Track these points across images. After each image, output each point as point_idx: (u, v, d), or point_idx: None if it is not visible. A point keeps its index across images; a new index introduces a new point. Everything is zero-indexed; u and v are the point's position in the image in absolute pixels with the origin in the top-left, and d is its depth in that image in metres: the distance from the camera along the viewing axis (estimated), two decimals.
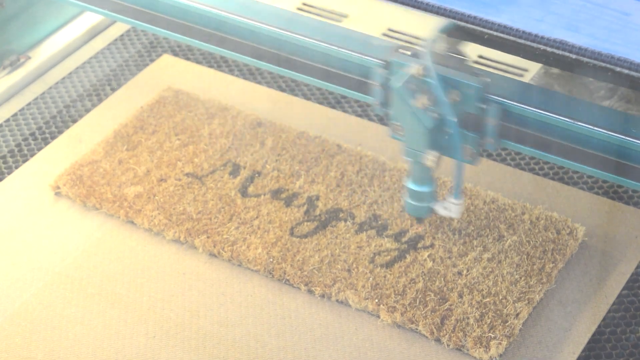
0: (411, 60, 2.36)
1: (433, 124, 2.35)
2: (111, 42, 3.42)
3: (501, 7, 2.24)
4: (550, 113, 2.30)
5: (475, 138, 2.39)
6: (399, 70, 2.37)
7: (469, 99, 2.32)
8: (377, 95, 2.46)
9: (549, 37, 2.16)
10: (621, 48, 2.11)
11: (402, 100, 2.34)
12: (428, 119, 2.34)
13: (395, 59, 2.39)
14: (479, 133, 2.38)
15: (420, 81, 2.33)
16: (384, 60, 2.42)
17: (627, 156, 2.26)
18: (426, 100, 2.32)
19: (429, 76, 2.31)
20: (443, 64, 2.33)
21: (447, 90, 2.32)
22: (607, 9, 2.20)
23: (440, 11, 2.27)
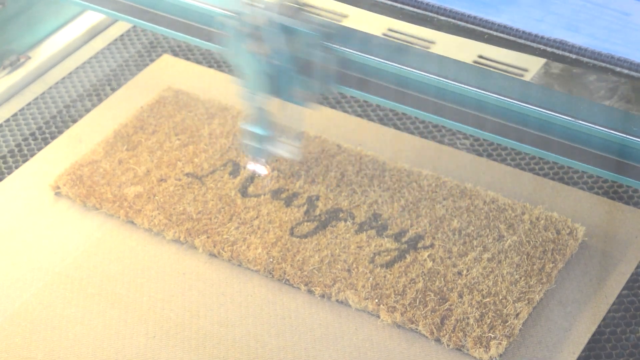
0: (256, 10, 2.46)
1: (272, 69, 2.48)
2: (111, 42, 3.42)
3: (501, 7, 2.23)
4: (374, 57, 2.41)
5: (311, 82, 2.51)
6: (243, 19, 2.49)
7: (305, 45, 2.44)
8: (222, 42, 2.57)
9: (549, 37, 2.16)
10: (621, 48, 2.11)
11: (243, 46, 2.48)
12: (267, 65, 2.48)
13: (241, 9, 2.49)
14: (313, 78, 2.50)
15: (260, 28, 2.45)
16: (231, 10, 2.52)
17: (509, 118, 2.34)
18: (265, 47, 2.45)
19: (270, 25, 2.44)
20: (283, 13, 2.45)
21: (285, 38, 2.44)
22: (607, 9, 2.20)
23: (440, 11, 2.27)
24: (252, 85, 2.57)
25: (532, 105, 2.32)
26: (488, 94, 2.32)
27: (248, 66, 2.53)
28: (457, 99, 2.37)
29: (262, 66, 2.50)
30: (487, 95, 2.32)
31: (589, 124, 2.28)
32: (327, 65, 2.46)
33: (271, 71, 2.50)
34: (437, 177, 2.84)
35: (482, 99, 2.33)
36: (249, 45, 2.47)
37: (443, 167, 2.91)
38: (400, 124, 3.08)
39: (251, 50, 2.47)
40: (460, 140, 3.02)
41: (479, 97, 2.33)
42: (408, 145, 3.00)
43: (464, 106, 2.38)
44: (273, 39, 2.45)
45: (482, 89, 2.33)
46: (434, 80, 2.36)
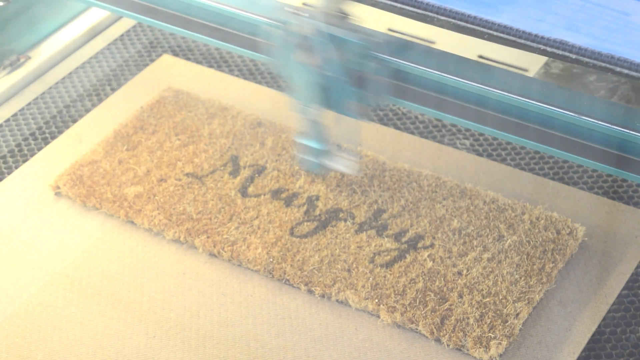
0: (303, 19, 2.44)
1: (323, 80, 2.45)
2: (111, 42, 3.42)
3: (501, 7, 2.24)
4: (434, 70, 2.40)
5: (362, 94, 2.48)
6: (291, 29, 2.47)
7: (355, 56, 2.42)
8: (270, 53, 2.55)
9: (549, 37, 2.16)
10: (621, 48, 2.11)
11: (292, 58, 2.45)
12: (316, 76, 2.45)
13: (287, 19, 2.47)
14: (366, 90, 2.48)
15: (310, 39, 2.42)
16: (277, 20, 2.51)
17: (514, 113, 2.36)
18: (316, 57, 2.42)
19: (319, 35, 2.41)
20: (333, 23, 2.43)
21: (336, 49, 2.41)
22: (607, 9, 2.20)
23: (440, 11, 2.27)
24: (304, 97, 2.53)
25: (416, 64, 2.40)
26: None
27: (299, 77, 2.49)
28: (507, 109, 2.36)
29: (313, 77, 2.46)
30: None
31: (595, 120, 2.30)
32: (378, 76, 2.43)
33: (322, 82, 2.46)
34: (437, 177, 2.84)
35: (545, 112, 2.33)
36: (298, 55, 2.43)
37: (443, 167, 2.91)
38: (400, 124, 3.08)
39: (300, 60, 2.43)
40: (460, 140, 3.02)
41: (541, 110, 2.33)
42: (408, 145, 3.00)
43: (508, 115, 2.37)
44: (322, 49, 2.41)
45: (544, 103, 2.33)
46: (482, 90, 2.36)
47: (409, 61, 2.41)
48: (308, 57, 2.41)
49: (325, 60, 2.42)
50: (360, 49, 2.39)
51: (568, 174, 2.91)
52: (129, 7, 2.84)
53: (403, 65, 2.41)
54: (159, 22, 2.79)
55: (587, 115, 2.29)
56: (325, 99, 2.52)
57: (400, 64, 2.41)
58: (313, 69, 2.44)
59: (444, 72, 2.38)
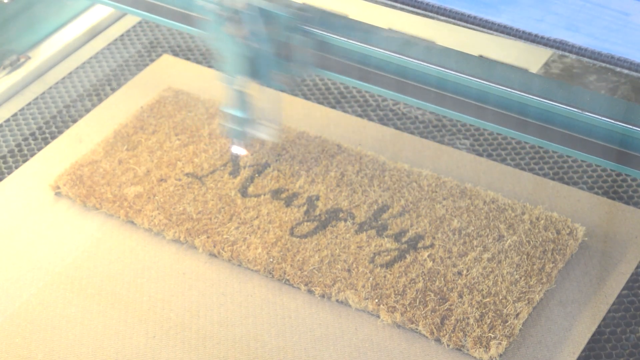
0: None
1: (250, 51, 2.52)
2: (111, 42, 3.42)
3: (501, 7, 2.24)
4: (360, 43, 2.46)
5: (288, 65, 2.54)
6: (222, 3, 2.52)
7: (281, 28, 2.48)
8: (201, 26, 2.61)
9: (549, 37, 2.16)
10: (621, 48, 2.11)
11: (221, 30, 2.51)
12: (244, 47, 2.52)
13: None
14: (291, 61, 2.54)
15: (241, 13, 2.47)
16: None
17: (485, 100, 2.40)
18: (243, 29, 2.48)
19: (249, 8, 2.46)
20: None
21: (264, 22, 2.48)
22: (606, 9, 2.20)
23: (440, 11, 2.27)
24: (232, 68, 2.61)
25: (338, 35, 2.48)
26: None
27: (227, 49, 2.56)
28: (421, 78, 2.43)
29: (241, 49, 2.53)
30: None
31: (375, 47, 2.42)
32: (305, 48, 2.49)
33: (250, 54, 2.53)
34: (437, 177, 2.84)
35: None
36: (228, 28, 2.49)
37: (443, 167, 2.91)
38: (400, 124, 3.08)
39: (230, 33, 2.50)
40: (460, 140, 3.02)
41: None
42: (408, 145, 3.00)
43: (444, 90, 2.42)
44: (252, 22, 2.48)
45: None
46: (403, 60, 2.43)
47: (333, 33, 2.48)
48: (237, 29, 2.49)
49: (253, 32, 2.50)
50: (286, 21, 2.46)
51: (568, 174, 2.91)
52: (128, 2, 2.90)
53: (328, 37, 2.48)
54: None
55: (589, 111, 2.30)
56: (251, 70, 2.60)
57: (325, 35, 2.48)
58: (240, 41, 2.52)
59: (368, 44, 2.45)
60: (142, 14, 2.84)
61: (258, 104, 2.75)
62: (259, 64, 2.57)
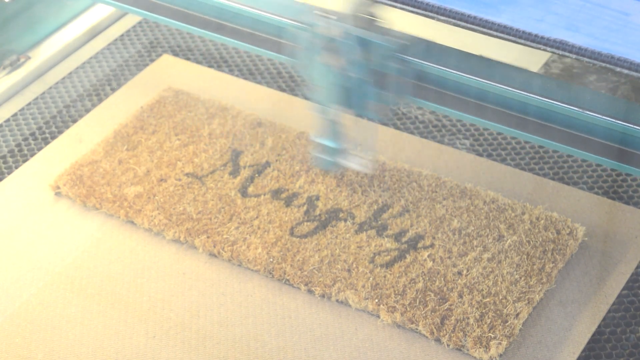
0: (326, 19, 2.45)
1: (345, 81, 2.45)
2: (111, 42, 3.42)
3: (501, 7, 2.23)
4: (463, 73, 2.41)
5: (384, 95, 2.49)
6: (314, 29, 2.46)
7: (379, 58, 2.42)
8: (292, 54, 2.55)
9: (549, 37, 2.16)
10: (621, 48, 2.11)
11: (315, 58, 2.44)
12: (339, 77, 2.45)
13: (310, 20, 2.46)
14: (389, 91, 2.48)
15: (333, 40, 2.42)
16: (301, 21, 2.51)
17: (546, 118, 2.37)
18: (338, 58, 2.41)
19: (344, 36, 2.40)
20: (357, 24, 2.42)
21: (360, 50, 2.41)
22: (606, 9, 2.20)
23: (440, 11, 2.27)
24: (326, 97, 2.53)
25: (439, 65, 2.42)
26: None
27: (321, 78, 2.48)
28: (528, 109, 2.37)
29: (337, 78, 2.45)
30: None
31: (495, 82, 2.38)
32: (402, 77, 2.43)
33: (345, 83, 2.45)
34: (437, 177, 2.84)
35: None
36: (323, 57, 2.42)
37: (443, 167, 2.91)
38: (400, 124, 3.08)
39: (325, 62, 2.43)
40: (460, 140, 3.02)
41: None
42: (408, 145, 3.00)
43: (529, 116, 2.38)
44: (348, 51, 2.41)
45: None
46: (512, 93, 2.37)
47: (432, 62, 2.42)
48: (332, 58, 2.41)
49: (348, 61, 2.42)
50: (384, 50, 2.40)
51: (568, 174, 2.91)
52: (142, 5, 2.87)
53: (426, 66, 2.42)
54: (176, 22, 2.80)
55: (590, 110, 2.31)
56: (346, 99, 2.53)
57: (424, 65, 2.42)
58: (336, 70, 2.44)
59: (466, 73, 2.40)
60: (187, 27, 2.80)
61: (351, 134, 2.70)
62: (354, 94, 2.51)
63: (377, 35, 2.41)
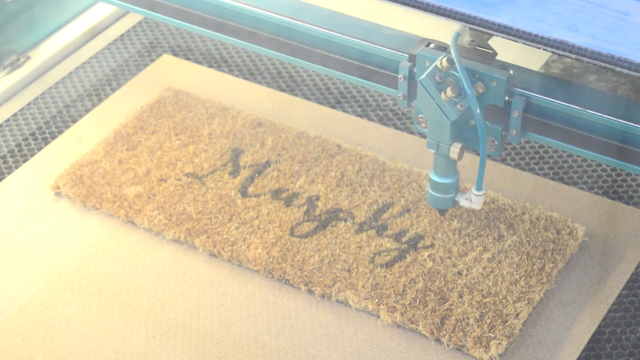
0: (436, 52, 2.41)
1: (457, 115, 2.38)
2: (111, 42, 3.42)
3: (501, 7, 2.23)
4: (573, 105, 2.35)
5: (498, 130, 2.44)
6: (423, 62, 2.42)
7: (493, 91, 2.37)
8: (401, 88, 2.50)
9: (549, 37, 2.16)
10: (621, 48, 2.11)
11: (426, 92, 2.38)
12: (452, 111, 2.38)
13: (420, 52, 2.42)
14: (502, 125, 2.43)
15: (444, 73, 2.37)
16: (408, 52, 2.47)
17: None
18: (450, 92, 2.35)
19: (454, 68, 2.35)
20: (467, 56, 2.38)
21: (471, 83, 2.36)
22: (607, 9, 2.20)
23: (440, 11, 2.27)
24: (437, 132, 2.45)
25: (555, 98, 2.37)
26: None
27: (434, 113, 2.40)
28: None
29: (449, 113, 2.38)
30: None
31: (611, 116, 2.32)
32: (519, 112, 2.38)
33: (457, 118, 2.39)
34: None
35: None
36: (446, 94, 2.35)
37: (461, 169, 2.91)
38: (400, 124, 3.08)
39: (441, 98, 2.36)
40: None
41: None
42: (408, 145, 3.00)
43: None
44: (460, 83, 2.35)
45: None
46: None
47: (551, 97, 2.36)
48: (448, 93, 2.34)
49: (464, 96, 2.36)
50: (500, 84, 2.35)
51: (568, 174, 2.91)
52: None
53: (544, 101, 2.36)
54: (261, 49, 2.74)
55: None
56: (461, 136, 2.47)
57: (542, 99, 2.37)
58: (447, 104, 2.37)
59: (587, 109, 2.34)
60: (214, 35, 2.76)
61: (463, 170, 2.65)
62: (470, 130, 2.45)
63: (490, 68, 2.35)
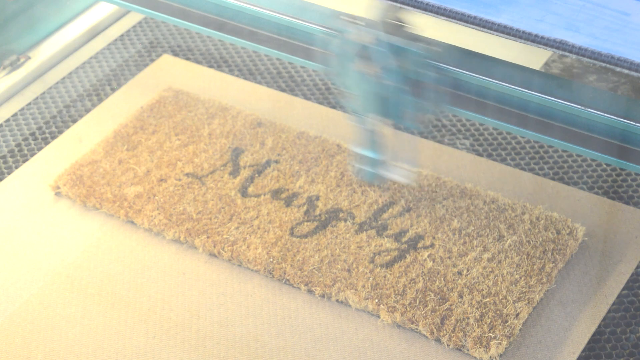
0: (360, 28, 2.42)
1: (379, 89, 2.42)
2: (111, 42, 3.42)
3: (501, 7, 2.23)
4: (490, 79, 2.38)
5: (420, 103, 2.46)
6: (347, 37, 2.44)
7: (414, 65, 2.39)
8: (327, 63, 2.53)
9: (549, 37, 2.16)
10: (621, 48, 2.11)
11: (350, 67, 2.41)
12: (375, 85, 2.41)
13: (344, 28, 2.44)
14: (423, 98, 2.45)
15: (368, 48, 2.39)
16: (334, 29, 2.48)
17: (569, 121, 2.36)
18: (373, 66, 2.38)
19: (377, 44, 2.37)
20: (391, 32, 2.39)
21: (394, 57, 2.38)
22: (607, 9, 2.20)
23: (440, 11, 2.27)
24: (362, 107, 2.49)
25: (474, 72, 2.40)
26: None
27: (356, 86, 2.44)
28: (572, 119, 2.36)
29: (372, 87, 2.41)
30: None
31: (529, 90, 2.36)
32: (438, 85, 2.40)
33: (381, 92, 2.42)
34: (437, 177, 2.84)
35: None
36: (358, 65, 2.38)
37: (443, 167, 2.91)
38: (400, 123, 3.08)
39: (359, 70, 2.39)
40: (460, 140, 3.02)
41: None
42: (408, 145, 2.99)
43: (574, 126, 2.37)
44: (381, 58, 2.38)
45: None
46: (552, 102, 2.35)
47: (468, 70, 2.40)
48: (367, 66, 2.37)
49: (383, 69, 2.39)
50: (419, 58, 2.37)
51: (568, 174, 2.91)
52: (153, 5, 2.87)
53: (462, 75, 2.40)
54: (201, 28, 2.79)
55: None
56: (383, 109, 2.49)
57: (460, 73, 2.40)
58: (371, 78, 2.41)
59: (504, 82, 2.37)
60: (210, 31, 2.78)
61: (390, 145, 2.66)
62: (391, 102, 2.47)
63: (408, 41, 2.38)
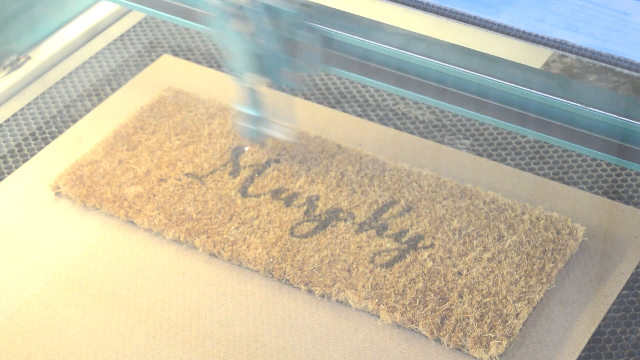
0: None
1: (256, 48, 2.50)
2: (111, 42, 3.42)
3: (501, 7, 2.24)
4: (367, 39, 2.46)
5: (295, 62, 2.54)
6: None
7: (290, 25, 2.47)
8: (210, 24, 2.60)
9: (549, 37, 2.16)
10: (621, 48, 2.11)
11: (228, 27, 2.50)
12: (251, 44, 2.50)
13: None
14: (298, 57, 2.53)
15: (245, 9, 2.46)
16: None
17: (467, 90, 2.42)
18: (249, 26, 2.47)
19: (252, 3, 2.45)
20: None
21: (270, 18, 2.46)
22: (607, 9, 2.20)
23: (440, 11, 2.27)
24: (240, 65, 2.59)
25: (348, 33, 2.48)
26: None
27: (234, 46, 2.54)
28: (423, 73, 2.43)
29: (247, 46, 2.51)
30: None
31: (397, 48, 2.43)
32: (311, 45, 2.47)
33: (256, 51, 2.51)
34: (437, 177, 2.84)
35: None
36: (233, 24, 2.47)
37: (443, 167, 2.91)
38: (400, 123, 3.08)
39: (235, 29, 2.48)
40: (460, 140, 3.02)
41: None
42: (408, 145, 3.00)
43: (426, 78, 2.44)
44: (257, 18, 2.46)
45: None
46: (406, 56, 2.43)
47: (341, 30, 2.47)
48: (243, 25, 2.46)
49: (259, 28, 2.48)
50: (291, 17, 2.45)
51: (568, 174, 2.91)
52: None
53: (335, 34, 2.47)
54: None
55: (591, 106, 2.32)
56: (260, 67, 2.58)
57: (333, 32, 2.47)
58: (248, 38, 2.50)
59: (374, 41, 2.45)
60: (145, 10, 2.83)
61: (271, 102, 2.74)
62: (267, 61, 2.56)
63: (281, 2, 2.45)
